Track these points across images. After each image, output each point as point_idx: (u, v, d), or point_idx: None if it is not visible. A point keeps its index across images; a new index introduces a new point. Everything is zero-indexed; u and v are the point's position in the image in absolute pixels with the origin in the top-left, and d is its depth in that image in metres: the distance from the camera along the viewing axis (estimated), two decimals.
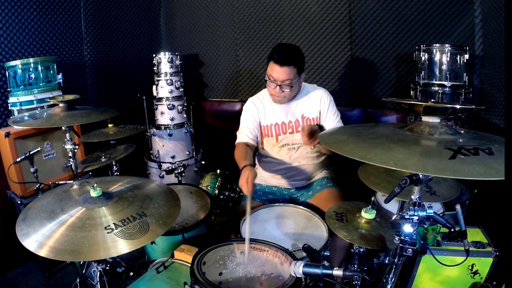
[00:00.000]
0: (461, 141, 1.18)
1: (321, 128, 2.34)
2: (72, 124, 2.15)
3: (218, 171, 3.46)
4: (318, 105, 2.40)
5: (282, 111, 2.42)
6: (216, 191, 3.28)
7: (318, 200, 2.39)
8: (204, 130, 3.95)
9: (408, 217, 1.27)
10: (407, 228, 1.30)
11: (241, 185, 1.91)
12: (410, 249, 1.32)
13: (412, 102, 1.30)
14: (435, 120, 1.28)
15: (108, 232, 1.37)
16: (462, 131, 1.30)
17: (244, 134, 2.41)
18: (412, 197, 1.28)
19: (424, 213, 1.26)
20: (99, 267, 2.07)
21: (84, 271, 2.22)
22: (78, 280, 2.16)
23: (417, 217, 1.27)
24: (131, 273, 2.40)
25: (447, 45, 2.78)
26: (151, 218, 1.48)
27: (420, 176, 1.19)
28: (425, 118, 1.31)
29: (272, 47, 2.24)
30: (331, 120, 2.41)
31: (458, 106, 1.23)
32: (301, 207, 2.20)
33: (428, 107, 1.24)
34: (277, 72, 2.19)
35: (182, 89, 3.56)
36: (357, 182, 1.92)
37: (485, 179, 0.99)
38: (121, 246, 1.33)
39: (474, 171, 1.01)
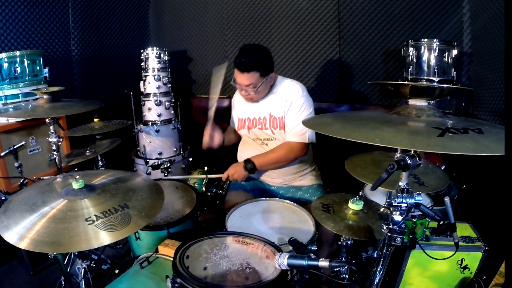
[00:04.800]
0: (449, 122, 1.16)
1: None
2: (54, 116, 2.10)
3: (206, 168, 3.42)
4: (284, 105, 2.35)
5: (253, 106, 2.47)
6: (204, 188, 3.24)
7: None
8: (191, 127, 3.90)
9: (396, 204, 1.24)
10: (396, 217, 1.27)
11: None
12: (399, 238, 1.29)
13: (398, 83, 1.28)
14: (422, 103, 1.27)
15: (88, 224, 1.33)
16: (450, 116, 1.28)
17: (231, 120, 2.81)
18: (400, 183, 1.25)
19: (413, 200, 1.24)
20: (83, 264, 2.03)
21: (68, 269, 2.17)
22: (62, 278, 2.11)
23: (405, 204, 1.24)
24: (117, 271, 2.37)
25: (435, 40, 2.78)
26: (134, 210, 1.44)
27: (408, 161, 1.16)
28: (412, 101, 1.29)
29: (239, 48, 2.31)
30: (290, 117, 2.33)
31: (445, 86, 1.21)
32: (288, 201, 2.18)
33: (414, 87, 1.23)
34: (239, 77, 2.29)
35: (170, 85, 3.52)
36: (344, 174, 1.89)
37: (477, 155, 0.97)
38: (102, 238, 1.29)
39: (464, 147, 0.99)
